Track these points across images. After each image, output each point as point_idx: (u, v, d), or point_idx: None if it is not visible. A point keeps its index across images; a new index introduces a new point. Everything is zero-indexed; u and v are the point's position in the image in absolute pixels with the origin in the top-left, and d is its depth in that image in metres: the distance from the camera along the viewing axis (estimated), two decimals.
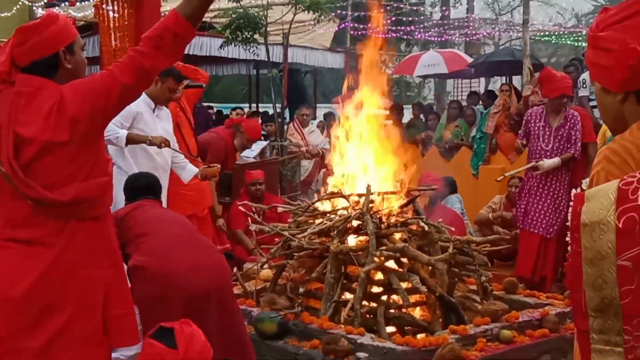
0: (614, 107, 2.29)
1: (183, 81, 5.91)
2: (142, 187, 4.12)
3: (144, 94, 5.41)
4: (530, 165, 6.82)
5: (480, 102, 11.97)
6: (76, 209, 2.70)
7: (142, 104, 5.46)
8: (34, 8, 13.22)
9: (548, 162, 6.56)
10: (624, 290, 2.01)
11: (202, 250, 3.87)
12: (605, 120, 2.38)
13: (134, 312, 2.92)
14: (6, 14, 12.48)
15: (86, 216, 2.74)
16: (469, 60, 15.95)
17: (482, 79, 17.83)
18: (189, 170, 5.82)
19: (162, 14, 10.11)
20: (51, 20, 2.73)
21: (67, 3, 13.62)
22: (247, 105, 17.77)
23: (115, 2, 9.14)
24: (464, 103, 12.13)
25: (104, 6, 9.32)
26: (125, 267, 3.45)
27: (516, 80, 14.90)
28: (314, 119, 13.54)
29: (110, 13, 9.31)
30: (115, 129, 5.27)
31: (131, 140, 5.38)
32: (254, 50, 11.09)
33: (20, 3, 12.94)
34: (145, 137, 5.39)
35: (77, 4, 13.67)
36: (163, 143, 5.41)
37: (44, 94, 2.67)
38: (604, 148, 2.28)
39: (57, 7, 13.25)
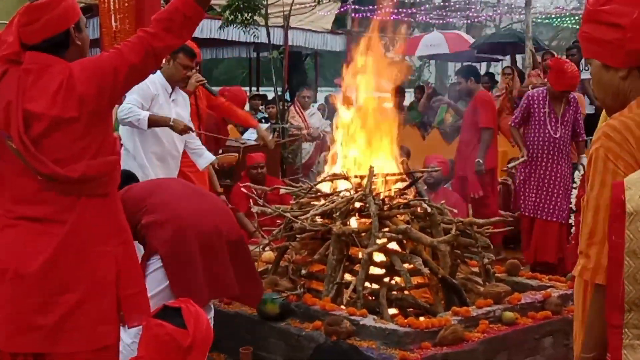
0: (614, 83, 2.23)
1: (195, 57, 5.75)
2: (124, 178, 4.15)
3: (160, 75, 5.36)
4: (522, 160, 6.75)
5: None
6: (85, 186, 2.71)
7: (158, 86, 5.36)
8: None
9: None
10: None
11: (204, 196, 4.14)
12: (602, 98, 2.31)
13: (145, 291, 2.92)
14: None
15: (95, 193, 2.75)
16: (471, 41, 15.87)
17: (484, 63, 17.73)
18: (206, 158, 5.78)
19: None
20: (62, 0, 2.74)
21: None
22: (248, 88, 17.69)
23: None
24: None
25: None
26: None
27: (519, 61, 14.86)
28: (315, 101, 13.50)
29: None
30: (137, 111, 5.15)
31: (153, 122, 5.23)
32: (253, 32, 11.03)
33: None
34: (168, 119, 5.28)
35: None
36: (185, 130, 5.32)
37: (52, 70, 2.69)
38: (603, 125, 2.21)
39: None
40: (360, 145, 5.54)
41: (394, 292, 4.70)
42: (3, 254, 2.69)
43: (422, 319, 4.38)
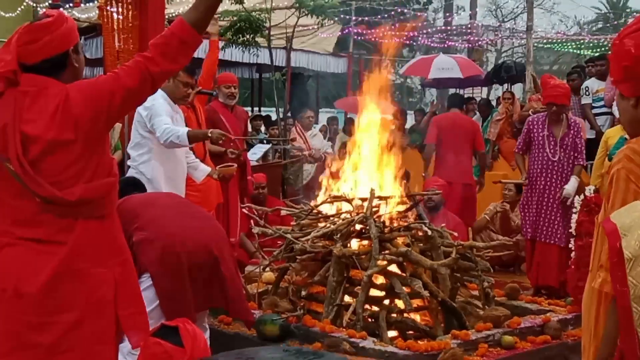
0: (628, 111, 2.43)
1: (194, 76, 5.81)
2: (126, 185, 4.17)
3: (164, 93, 5.39)
4: (522, 181, 6.79)
5: (477, 112, 11.90)
6: (83, 208, 2.71)
7: (165, 104, 5.40)
8: (38, 9, 13.24)
9: (571, 187, 6.44)
10: None
11: (194, 212, 4.16)
12: (623, 123, 2.50)
13: (145, 311, 2.91)
14: (10, 14, 12.50)
15: (93, 215, 2.75)
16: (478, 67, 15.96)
17: (485, 88, 17.81)
18: (202, 170, 5.82)
19: (167, 16, 10.13)
20: (63, 19, 2.75)
21: (71, 4, 13.64)
22: (250, 108, 17.76)
23: (120, 4, 9.13)
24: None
25: (108, 7, 9.32)
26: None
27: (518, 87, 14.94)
28: (317, 123, 13.55)
29: (115, 14, 9.30)
30: (175, 128, 5.19)
31: (193, 137, 5.29)
32: (254, 52, 11.10)
33: (24, 4, 12.97)
34: (205, 131, 5.34)
35: (82, 5, 13.69)
36: (220, 137, 5.38)
37: (49, 92, 2.68)
38: (624, 147, 2.37)
39: (61, 9, 13.26)
40: (363, 168, 5.56)
41: (394, 315, 4.70)
42: (2, 272, 2.68)
43: (421, 342, 4.38)
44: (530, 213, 6.67)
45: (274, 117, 12.58)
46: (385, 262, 4.66)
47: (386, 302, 4.77)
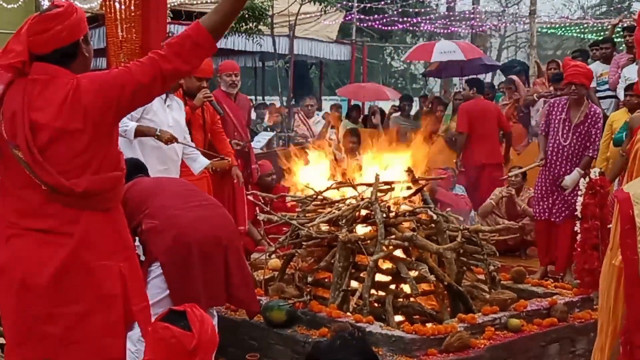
0: None
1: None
2: (130, 167, 4.16)
3: None
4: (535, 165, 6.81)
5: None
6: (88, 200, 2.72)
7: None
8: (41, 0, 13.22)
9: (570, 180, 6.44)
10: None
11: (204, 200, 4.16)
12: None
13: (149, 306, 2.94)
14: (13, 5, 12.47)
15: (98, 207, 2.76)
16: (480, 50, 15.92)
17: (489, 74, 17.76)
18: (200, 162, 5.83)
19: (169, 5, 10.11)
20: (73, 9, 2.76)
21: None
22: (253, 97, 17.75)
23: None
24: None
25: None
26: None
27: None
28: (320, 110, 13.53)
29: (117, 4, 9.29)
30: (125, 121, 5.24)
31: (140, 132, 5.35)
32: (257, 41, 11.10)
33: None
34: (154, 130, 5.36)
35: None
36: (170, 140, 5.39)
37: (59, 81, 2.69)
38: None
39: None
40: (367, 153, 5.56)
41: (400, 299, 4.71)
42: (10, 263, 2.69)
43: (428, 325, 4.39)
44: (542, 194, 6.68)
45: (278, 105, 12.59)
46: (391, 247, 4.66)
47: (392, 286, 4.78)
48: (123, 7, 9.17)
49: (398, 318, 4.60)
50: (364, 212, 4.95)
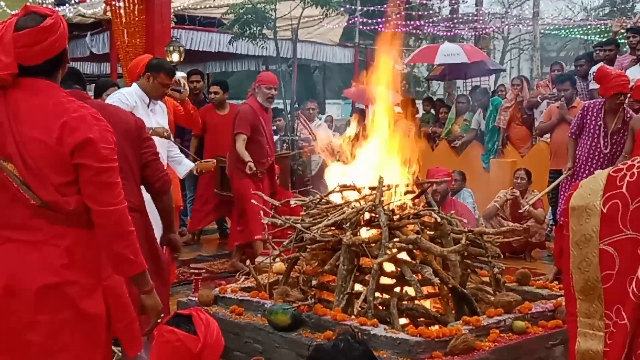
0: None
1: (174, 76, 5.82)
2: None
3: (137, 88, 5.43)
4: (563, 177, 6.74)
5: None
6: (76, 217, 2.68)
7: (136, 97, 5.40)
8: (44, 6, 13.25)
9: None
10: (605, 274, 2.13)
11: None
12: None
13: (136, 320, 2.90)
14: (16, 11, 12.51)
15: (84, 224, 2.71)
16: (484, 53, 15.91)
17: (492, 77, 17.75)
18: (185, 165, 5.88)
19: (172, 10, 10.14)
20: (59, 17, 2.73)
21: (77, 0, 13.65)
22: None
23: None
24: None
25: (114, 2, 9.36)
26: None
27: (526, 72, 14.86)
28: (323, 113, 13.55)
29: (121, 10, 9.35)
30: None
31: None
32: (260, 45, 11.12)
33: (29, 1, 12.97)
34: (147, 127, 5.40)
35: (87, 0, 13.70)
36: (165, 133, 5.42)
37: (44, 95, 2.66)
38: None
39: (67, 5, 13.29)
40: (371, 157, 5.56)
41: (405, 302, 4.71)
42: None
43: (432, 328, 4.39)
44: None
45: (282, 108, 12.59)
46: (395, 250, 4.67)
47: (397, 289, 4.78)
48: (128, 10, 9.24)
49: (402, 321, 4.59)
50: (368, 215, 4.95)
